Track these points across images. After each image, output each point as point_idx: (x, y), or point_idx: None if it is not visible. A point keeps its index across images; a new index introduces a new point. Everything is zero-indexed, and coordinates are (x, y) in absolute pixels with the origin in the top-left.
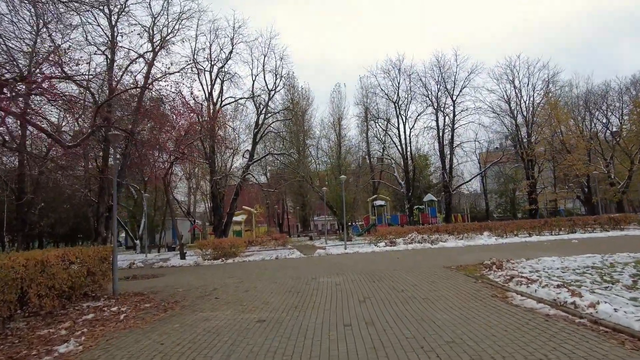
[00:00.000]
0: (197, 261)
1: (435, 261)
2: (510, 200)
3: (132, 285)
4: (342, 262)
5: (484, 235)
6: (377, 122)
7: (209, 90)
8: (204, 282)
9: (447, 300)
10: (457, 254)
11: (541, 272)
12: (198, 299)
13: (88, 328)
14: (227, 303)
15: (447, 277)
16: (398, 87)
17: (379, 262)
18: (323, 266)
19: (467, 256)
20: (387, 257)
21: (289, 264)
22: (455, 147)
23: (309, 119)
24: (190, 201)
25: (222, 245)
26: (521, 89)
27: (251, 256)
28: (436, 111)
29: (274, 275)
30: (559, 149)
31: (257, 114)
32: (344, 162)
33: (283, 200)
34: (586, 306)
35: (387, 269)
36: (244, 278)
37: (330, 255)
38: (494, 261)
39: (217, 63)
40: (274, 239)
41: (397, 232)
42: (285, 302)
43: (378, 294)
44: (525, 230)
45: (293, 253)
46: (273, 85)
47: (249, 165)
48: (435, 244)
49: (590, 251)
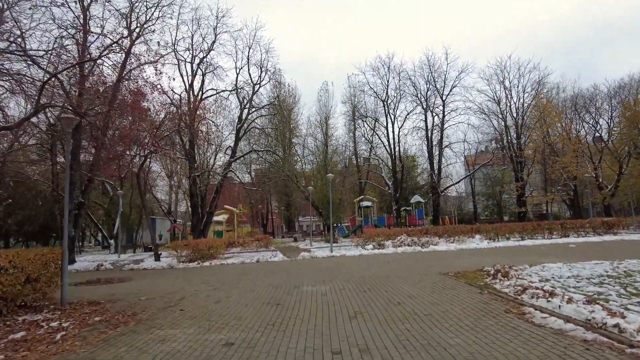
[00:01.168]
0: (171, 263)
1: (430, 266)
2: (497, 202)
3: (91, 292)
4: (328, 267)
5: (475, 238)
6: (365, 120)
7: (189, 82)
8: (173, 288)
9: (454, 317)
10: (451, 259)
11: (552, 281)
12: (160, 311)
13: (7, 354)
14: (193, 318)
15: (447, 286)
16: (387, 86)
17: (369, 267)
18: (307, 271)
19: (462, 261)
20: (376, 261)
21: (271, 268)
22: (445, 147)
23: (296, 118)
24: (172, 200)
25: (199, 246)
26: (511, 89)
27: (231, 259)
28: (425, 111)
29: (252, 282)
30: (549, 151)
31: (240, 108)
32: (331, 162)
33: (268, 200)
34: (636, 331)
35: (378, 276)
36: (219, 285)
37: (315, 259)
38: (499, 268)
39: (199, 54)
40: (257, 240)
41: (386, 234)
42: (261, 318)
43: (371, 307)
44: (517, 234)
45: (276, 256)
46: (258, 79)
47: (231, 162)
48: (426, 247)
49: (590, 257)
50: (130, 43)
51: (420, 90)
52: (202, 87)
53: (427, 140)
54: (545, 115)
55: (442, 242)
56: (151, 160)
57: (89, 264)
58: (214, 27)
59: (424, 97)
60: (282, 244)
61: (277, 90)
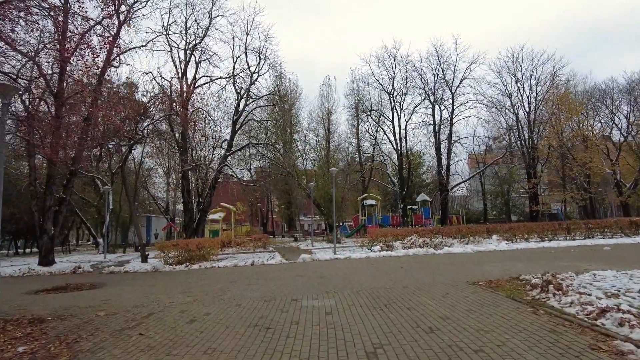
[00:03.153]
0: (156, 266)
1: (451, 273)
2: (504, 201)
3: (46, 303)
4: (332, 273)
5: (492, 239)
6: (370, 114)
7: (182, 69)
8: (145, 299)
9: (519, 356)
10: (472, 263)
11: (622, 296)
12: (113, 334)
13: None
14: (150, 348)
15: (485, 302)
16: (393, 77)
17: (379, 273)
18: (308, 278)
19: (487, 266)
20: (387, 266)
21: (266, 273)
22: (454, 142)
23: (297, 113)
24: (169, 197)
25: (189, 247)
26: (524, 82)
27: (224, 260)
28: (432, 104)
29: (241, 292)
30: (569, 145)
31: (237, 98)
32: (333, 159)
33: (268, 198)
34: None
35: (395, 286)
36: (201, 295)
37: (317, 262)
38: (549, 279)
39: (193, 40)
40: (254, 239)
41: (394, 235)
42: (242, 352)
43: (395, 336)
44: (537, 234)
45: (273, 257)
46: (256, 67)
47: (227, 156)
48: (440, 249)
49: (636, 261)
50: (118, 25)
51: (427, 83)
52: (195, 75)
53: (434, 135)
54: (564, 107)
55: (456, 244)
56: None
57: (69, 265)
58: (209, 11)
59: (431, 89)
60: (282, 244)
61: (277, 84)
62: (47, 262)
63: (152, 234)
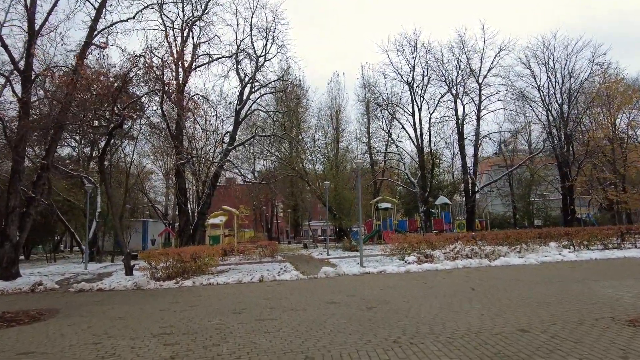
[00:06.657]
0: (138, 282)
1: (563, 301)
2: (528, 204)
3: None
4: (376, 297)
5: (550, 247)
6: (386, 108)
7: (178, 48)
8: (93, 353)
9: None
10: (571, 281)
11: None
12: None
13: None
14: None
15: None
16: (414, 67)
17: (448, 299)
18: (347, 307)
19: (597, 286)
20: (446, 286)
21: (281, 295)
22: (482, 138)
23: (304, 110)
24: (168, 201)
25: (181, 256)
26: (556, 72)
27: (224, 274)
28: (455, 97)
29: (250, 339)
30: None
31: (241, 86)
32: (343, 159)
33: (273, 201)
34: None
35: (494, 325)
36: (184, 344)
37: (345, 277)
38: None
39: (192, 17)
40: (261, 246)
41: (428, 242)
42: None
43: None
44: (598, 241)
45: (285, 270)
46: (263, 50)
47: (230, 150)
48: (494, 260)
49: None
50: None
51: (449, 73)
52: (193, 56)
53: (458, 131)
54: (618, 95)
55: (510, 252)
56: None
57: (35, 278)
58: None
59: (453, 81)
60: (291, 252)
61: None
62: (7, 276)
63: (148, 240)
